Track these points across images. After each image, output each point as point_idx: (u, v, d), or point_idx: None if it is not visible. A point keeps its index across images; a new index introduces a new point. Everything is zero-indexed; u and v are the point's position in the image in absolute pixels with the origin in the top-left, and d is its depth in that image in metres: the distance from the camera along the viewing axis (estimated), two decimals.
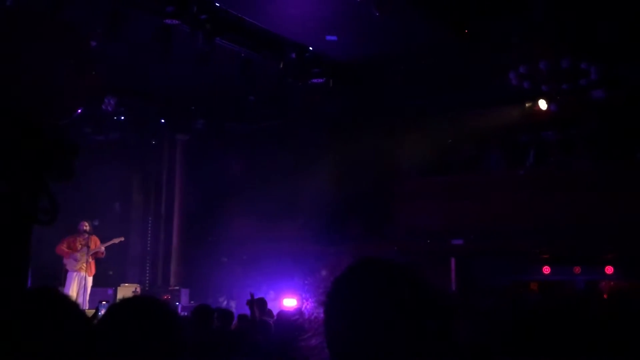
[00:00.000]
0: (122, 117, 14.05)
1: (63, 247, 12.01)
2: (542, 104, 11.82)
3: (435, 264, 12.08)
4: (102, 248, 12.27)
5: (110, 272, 14.13)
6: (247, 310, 9.58)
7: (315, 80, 11.71)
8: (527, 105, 12.16)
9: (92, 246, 12.15)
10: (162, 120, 14.69)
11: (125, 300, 2.02)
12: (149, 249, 15.52)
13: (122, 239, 12.76)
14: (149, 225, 15.67)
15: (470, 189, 12.47)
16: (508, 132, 12.80)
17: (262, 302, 9.50)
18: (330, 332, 1.43)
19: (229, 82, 12.10)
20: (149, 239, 15.59)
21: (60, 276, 11.94)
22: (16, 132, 2.46)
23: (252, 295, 9.20)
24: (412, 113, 12.92)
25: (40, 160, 2.53)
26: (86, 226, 12.22)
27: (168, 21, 9.70)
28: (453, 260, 12.44)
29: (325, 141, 13.85)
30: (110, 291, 12.94)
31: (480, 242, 11.97)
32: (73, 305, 1.65)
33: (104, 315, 1.96)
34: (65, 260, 12.01)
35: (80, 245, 12.13)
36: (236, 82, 11.87)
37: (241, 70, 11.20)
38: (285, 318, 7.14)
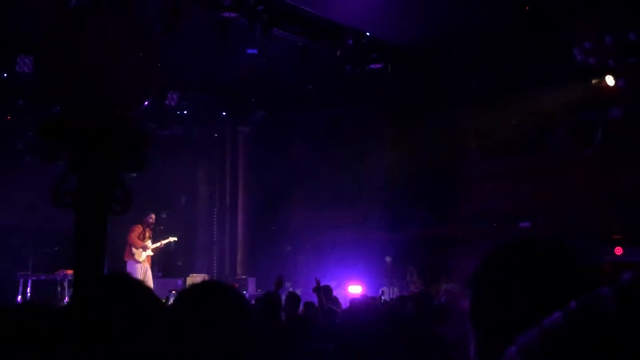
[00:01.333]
0: (185, 112, 14.30)
1: (134, 237, 12.26)
2: (609, 80, 11.37)
3: None
4: (162, 246, 12.55)
5: (179, 263, 14.48)
6: (312, 298, 9.64)
7: (373, 66, 11.63)
8: (593, 82, 11.72)
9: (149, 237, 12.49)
10: (224, 113, 14.89)
11: (195, 285, 2.03)
12: (215, 239, 15.79)
13: (176, 239, 12.91)
14: (215, 216, 15.93)
15: (536, 169, 12.15)
16: (574, 111, 12.39)
17: (327, 290, 9.51)
18: (480, 312, 1.34)
19: (287, 72, 12.15)
20: (215, 229, 15.86)
21: (118, 267, 12.27)
22: (90, 125, 2.54)
23: (318, 282, 9.24)
24: (475, 95, 12.66)
25: (114, 151, 2.61)
26: (153, 219, 12.52)
27: (226, 14, 9.81)
28: None
29: (387, 127, 13.74)
30: (179, 281, 13.25)
31: (549, 225, 11.66)
32: (148, 290, 1.67)
33: (175, 300, 1.98)
34: (133, 250, 12.25)
35: (148, 237, 12.45)
36: (294, 72, 11.91)
37: (299, 59, 11.23)
38: (358, 305, 7.13)
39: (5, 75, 11.50)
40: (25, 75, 11.14)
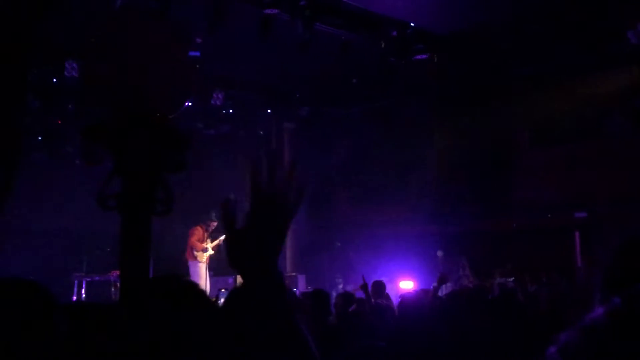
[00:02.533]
0: (231, 110, 14.45)
1: (194, 240, 12.54)
2: None
3: (558, 240, 11.58)
4: (221, 242, 12.77)
5: (226, 264, 14.64)
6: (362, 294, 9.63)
7: (418, 57, 11.49)
8: None
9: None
10: (269, 110, 14.97)
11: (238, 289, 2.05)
12: None
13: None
14: None
15: (591, 157, 11.83)
16: (630, 95, 12.00)
17: (379, 285, 9.48)
18: None
19: (331, 67, 12.13)
20: None
21: (180, 267, 12.51)
22: (132, 127, 2.59)
23: (364, 280, 9.22)
24: (527, 82, 12.40)
25: (155, 153, 2.65)
26: (214, 226, 12.74)
27: (268, 11, 9.85)
28: (577, 235, 11.87)
29: (434, 118, 13.61)
30: (230, 280, 13.41)
31: (606, 214, 11.33)
32: (200, 291, 1.67)
33: (227, 298, 1.99)
34: (195, 252, 12.50)
35: (206, 240, 12.69)
36: (338, 66, 11.88)
37: (342, 53, 11.19)
38: (410, 300, 7.08)
39: (55, 80, 11.83)
40: (74, 80, 11.43)
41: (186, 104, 3.01)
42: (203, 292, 1.69)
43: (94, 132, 2.66)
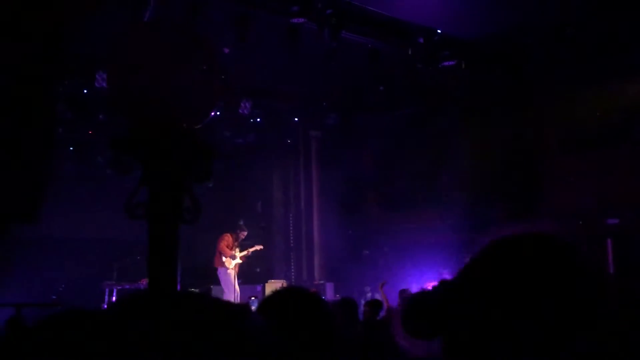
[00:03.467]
0: (258, 119, 14.56)
1: (224, 245, 12.65)
2: None
3: (589, 247, 11.38)
4: (249, 254, 12.87)
5: (258, 270, 14.74)
6: (393, 301, 9.63)
7: (446, 63, 11.46)
8: None
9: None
10: (296, 119, 15.05)
11: (278, 292, 2.06)
12: (292, 244, 15.99)
13: (262, 247, 13.21)
14: (291, 221, 16.14)
15: (622, 162, 11.63)
16: None
17: (406, 293, 9.52)
18: None
19: (357, 74, 12.16)
20: (291, 235, 16.06)
21: (209, 275, 12.61)
22: (158, 138, 2.65)
23: (381, 287, 9.24)
24: (555, 86, 12.27)
25: (182, 163, 2.71)
26: (244, 235, 12.85)
27: (294, 20, 9.93)
28: (609, 242, 11.68)
29: (462, 124, 13.52)
30: (259, 287, 13.50)
31: (639, 220, 11.15)
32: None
33: (260, 307, 2.00)
34: (224, 259, 12.62)
35: (235, 247, 12.80)
36: (365, 74, 11.90)
37: (369, 61, 11.22)
38: None
39: (85, 91, 12.06)
40: (104, 91, 11.65)
41: (212, 113, 3.07)
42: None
43: (122, 142, 2.73)
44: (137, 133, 2.73)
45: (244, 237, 12.82)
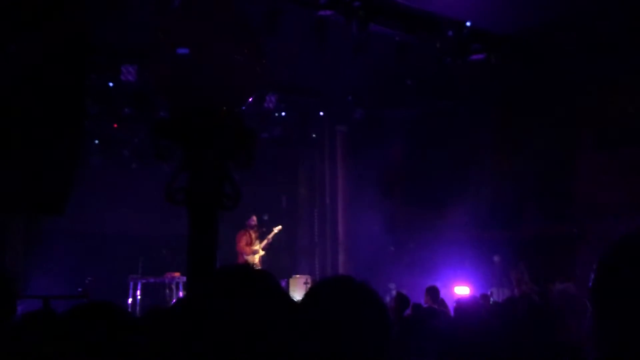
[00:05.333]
0: (283, 113, 14.54)
1: (243, 245, 12.67)
2: None
3: None
4: (270, 239, 12.87)
5: (282, 264, 14.74)
6: (417, 299, 9.58)
7: (475, 57, 11.31)
8: None
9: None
10: (321, 113, 15.00)
11: (327, 281, 1.99)
12: (316, 239, 15.98)
13: (280, 227, 13.22)
14: (315, 217, 16.12)
15: None
16: None
17: (434, 291, 9.45)
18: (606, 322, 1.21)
19: (385, 68, 12.05)
20: (315, 230, 16.05)
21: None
22: (200, 122, 2.63)
23: (398, 295, 9.21)
24: (590, 82, 12.06)
25: (223, 147, 2.68)
26: (255, 220, 12.85)
27: (322, 12, 9.86)
28: None
29: (493, 120, 13.38)
30: (283, 282, 13.49)
31: None
32: (273, 282, 1.59)
33: (307, 297, 1.94)
34: (246, 257, 12.65)
35: (255, 240, 12.79)
36: (392, 67, 11.81)
37: (397, 54, 11.12)
38: (465, 306, 6.99)
39: (111, 84, 12.12)
40: (130, 84, 11.70)
41: (251, 98, 3.04)
42: (277, 283, 1.59)
43: (163, 127, 2.71)
44: (179, 116, 2.70)
45: (255, 223, 12.79)
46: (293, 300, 1.61)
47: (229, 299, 1.48)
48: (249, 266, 1.69)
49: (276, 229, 13.11)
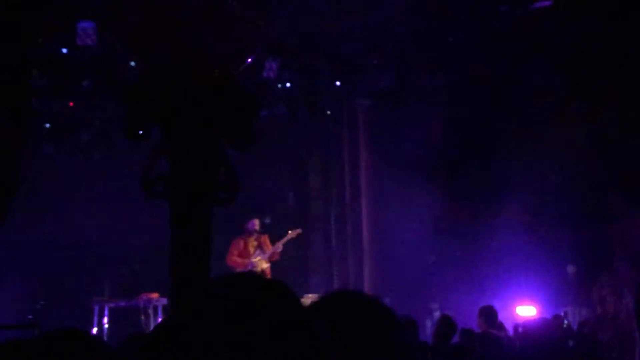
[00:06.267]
0: (288, 85, 14.51)
1: (234, 257, 12.64)
2: None
3: None
4: (280, 247, 12.83)
5: (290, 281, 14.74)
6: (469, 323, 9.59)
7: (540, 4, 11.26)
8: None
9: (266, 248, 12.75)
10: (337, 83, 14.96)
11: (327, 297, 2.08)
12: (334, 247, 15.97)
13: (300, 231, 13.25)
14: (332, 217, 16.11)
15: None
16: None
17: (490, 312, 9.52)
18: None
19: (420, 23, 12.01)
20: (333, 234, 16.04)
21: None
22: (184, 89, 2.59)
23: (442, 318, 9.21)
24: None
25: (214, 121, 2.64)
26: (257, 225, 12.83)
27: None
28: None
29: (563, 87, 13.29)
30: None
31: None
32: (286, 290, 1.59)
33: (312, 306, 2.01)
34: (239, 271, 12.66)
35: (253, 249, 12.76)
36: (429, 21, 11.76)
37: (435, 3, 11.09)
38: (532, 331, 6.97)
39: (64, 50, 12.12)
40: (89, 49, 11.70)
41: (250, 58, 3.01)
42: (289, 291, 1.60)
43: (136, 94, 2.68)
44: (157, 80, 2.66)
45: (256, 227, 12.78)
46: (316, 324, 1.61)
47: (231, 323, 1.48)
48: (256, 275, 1.65)
49: (293, 233, 13.09)
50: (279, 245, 12.91)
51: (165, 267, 2.73)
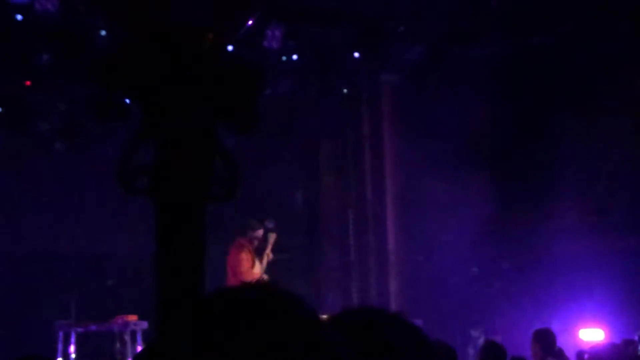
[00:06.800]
0: (295, 57, 14.52)
1: (244, 267, 12.64)
2: None
3: None
4: (270, 256, 12.90)
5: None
6: (522, 351, 9.64)
7: None
8: None
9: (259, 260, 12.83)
10: (356, 54, 14.96)
11: (347, 313, 2.19)
12: (352, 259, 15.98)
13: (274, 235, 13.24)
14: (350, 220, 16.12)
15: None
16: None
17: (547, 336, 9.63)
18: None
19: None
20: (351, 243, 16.05)
21: None
22: (169, 58, 2.57)
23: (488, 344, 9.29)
24: None
25: (207, 99, 2.62)
26: (260, 234, 12.85)
27: None
28: None
29: (632, 63, 13.28)
30: None
31: None
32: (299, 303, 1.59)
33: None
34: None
35: (256, 260, 12.81)
36: None
37: None
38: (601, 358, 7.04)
39: (19, 17, 12.15)
40: (50, 15, 11.73)
41: (249, 22, 3.00)
42: (306, 307, 1.61)
43: (110, 66, 2.66)
44: (131, 47, 2.65)
45: (259, 236, 12.82)
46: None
47: (231, 352, 1.49)
48: (262, 288, 1.65)
49: (270, 238, 13.09)
50: (269, 253, 12.93)
51: (147, 283, 2.71)
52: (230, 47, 2.87)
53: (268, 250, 12.97)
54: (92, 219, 12.64)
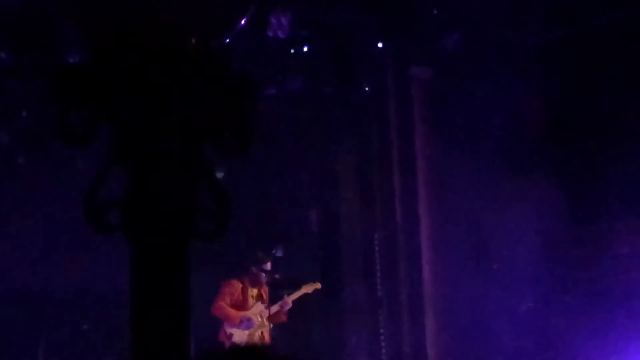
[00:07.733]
0: (306, 49, 14.58)
1: (224, 304, 12.72)
2: None
3: None
4: (289, 304, 12.91)
5: (314, 341, 14.79)
6: None
7: None
8: None
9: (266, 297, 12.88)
10: (380, 45, 15.00)
11: None
12: (379, 294, 15.97)
13: (319, 286, 13.32)
14: (376, 249, 16.11)
15: None
16: None
17: None
18: None
19: None
20: (378, 273, 16.04)
21: None
22: (147, 66, 2.60)
23: None
24: None
25: (192, 116, 2.65)
26: (268, 267, 12.92)
27: None
28: None
29: None
30: None
31: None
32: None
33: None
34: (227, 327, 12.74)
35: (253, 299, 12.85)
36: None
37: None
38: None
39: None
40: (10, 10, 11.85)
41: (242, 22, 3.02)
42: None
43: (75, 76, 2.70)
44: (106, 58, 2.68)
45: (267, 270, 12.88)
46: None
47: None
48: (256, 352, 1.71)
49: (309, 287, 13.19)
50: (288, 302, 12.99)
51: (125, 326, 2.74)
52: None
53: (292, 298, 13.05)
54: (60, 249, 12.69)
